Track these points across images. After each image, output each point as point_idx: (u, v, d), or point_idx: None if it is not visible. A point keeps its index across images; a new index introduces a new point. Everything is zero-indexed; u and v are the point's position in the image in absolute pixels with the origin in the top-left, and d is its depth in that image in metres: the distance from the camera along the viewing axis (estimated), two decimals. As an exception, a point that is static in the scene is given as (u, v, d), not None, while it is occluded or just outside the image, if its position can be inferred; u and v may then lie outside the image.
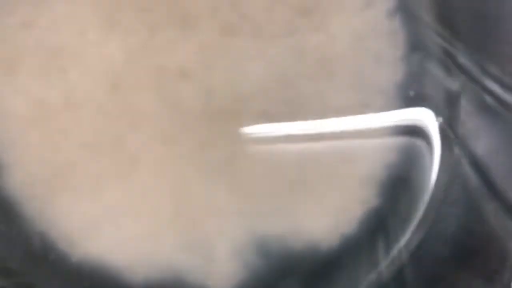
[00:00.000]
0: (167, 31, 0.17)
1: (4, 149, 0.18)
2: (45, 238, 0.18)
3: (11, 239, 0.18)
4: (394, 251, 0.18)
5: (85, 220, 0.18)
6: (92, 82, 0.17)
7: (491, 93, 0.16)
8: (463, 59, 0.16)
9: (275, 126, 0.18)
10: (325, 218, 0.18)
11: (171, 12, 0.17)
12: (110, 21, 0.17)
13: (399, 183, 0.18)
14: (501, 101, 0.15)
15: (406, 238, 0.18)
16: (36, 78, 0.17)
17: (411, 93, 0.18)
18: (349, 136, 0.18)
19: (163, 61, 0.17)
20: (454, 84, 0.17)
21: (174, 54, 0.17)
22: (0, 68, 0.17)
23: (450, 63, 0.17)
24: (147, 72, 0.17)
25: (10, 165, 0.18)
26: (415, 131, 0.18)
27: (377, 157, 0.18)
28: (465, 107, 0.17)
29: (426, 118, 0.18)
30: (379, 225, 0.18)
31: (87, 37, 0.17)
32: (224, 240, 0.18)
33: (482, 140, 0.17)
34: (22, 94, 0.17)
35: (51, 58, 0.17)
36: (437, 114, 0.17)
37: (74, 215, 0.18)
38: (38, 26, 0.17)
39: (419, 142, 0.18)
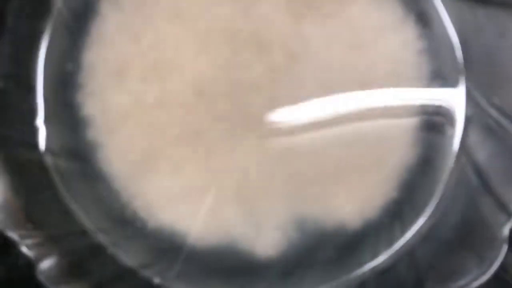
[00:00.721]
0: (245, 53, 0.21)
1: (103, 133, 0.21)
2: (129, 207, 0.21)
3: (101, 206, 0.21)
4: (409, 234, 0.21)
5: (163, 195, 0.21)
6: (182, 88, 0.21)
7: (493, 118, 0.19)
8: (474, 92, 0.20)
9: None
10: (352, 204, 0.21)
11: (251, 39, 0.21)
12: (203, 42, 0.21)
13: (417, 178, 0.21)
14: (500, 124, 0.19)
15: (418, 224, 0.21)
16: (138, 83, 0.21)
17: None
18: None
19: (240, 76, 0.21)
20: (468, 109, 0.21)
21: (249, 71, 0.21)
22: (109, 73, 0.21)
23: (468, 94, 0.20)
24: (226, 83, 0.21)
25: (106, 147, 0.21)
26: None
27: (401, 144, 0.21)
28: (473, 126, 0.21)
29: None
30: (396, 212, 0.21)
31: (182, 53, 0.21)
32: (272, 217, 0.21)
33: (483, 150, 0.20)
34: (125, 94, 0.21)
35: (151, 68, 0.21)
36: (450, 127, 0.21)
37: (154, 190, 0.21)
38: (144, 41, 0.21)
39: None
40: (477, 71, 0.21)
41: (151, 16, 0.21)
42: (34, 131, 0.21)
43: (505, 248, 0.18)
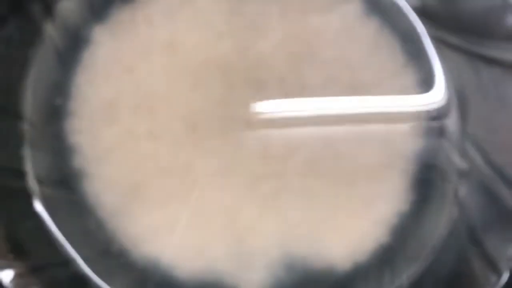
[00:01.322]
0: (241, 90, 0.20)
1: (90, 163, 0.21)
2: (114, 238, 0.21)
3: (86, 236, 0.21)
4: (398, 281, 0.21)
5: (149, 227, 0.21)
6: (174, 121, 0.21)
7: (488, 176, 0.19)
8: (471, 149, 0.20)
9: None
10: (343, 247, 0.21)
11: (247, 76, 0.21)
12: (197, 77, 0.20)
13: (410, 225, 0.21)
14: (494, 183, 0.19)
15: (409, 273, 0.21)
16: (129, 114, 0.21)
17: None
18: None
19: (234, 113, 0.21)
20: (463, 164, 0.20)
21: (243, 109, 0.21)
22: (100, 102, 0.21)
23: (464, 149, 0.20)
24: (220, 120, 0.21)
25: (93, 176, 0.21)
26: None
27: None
28: (468, 181, 0.20)
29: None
30: (387, 258, 0.21)
31: (176, 86, 0.21)
32: (260, 255, 0.21)
33: (476, 207, 0.20)
34: (116, 125, 0.21)
35: (144, 99, 0.21)
36: (445, 179, 0.21)
37: (140, 222, 0.21)
38: (138, 72, 0.21)
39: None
40: (475, 129, 0.20)
41: (145, 47, 0.21)
42: (20, 158, 0.21)
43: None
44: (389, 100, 0.21)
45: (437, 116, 0.21)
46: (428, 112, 0.21)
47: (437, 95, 0.21)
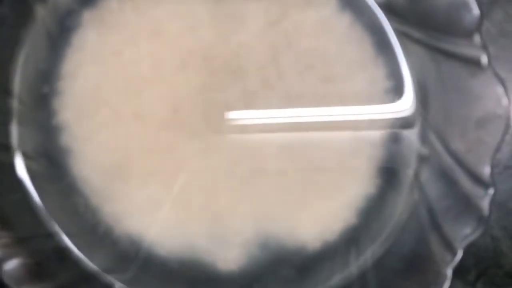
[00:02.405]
0: (221, 76, 0.22)
1: (77, 140, 0.22)
2: (97, 213, 0.22)
3: (70, 210, 0.22)
4: (362, 259, 0.22)
5: (131, 204, 0.22)
6: (158, 103, 0.22)
7: (446, 161, 0.21)
8: (431, 135, 0.21)
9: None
10: (313, 227, 0.22)
11: (228, 63, 0.22)
12: (181, 62, 0.21)
13: (375, 207, 0.22)
14: (452, 168, 0.21)
15: (372, 251, 0.22)
16: (115, 95, 0.22)
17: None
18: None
19: (215, 97, 0.22)
20: (424, 150, 0.22)
21: (224, 93, 0.22)
22: (89, 84, 0.22)
23: (425, 136, 0.22)
24: (201, 103, 0.22)
25: (79, 153, 0.22)
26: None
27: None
28: (428, 166, 0.22)
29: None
30: (353, 238, 0.22)
31: (161, 70, 0.21)
32: (235, 233, 0.22)
33: (435, 190, 0.21)
34: (102, 105, 0.22)
35: (130, 81, 0.21)
36: (407, 165, 0.22)
37: (122, 198, 0.22)
38: (125, 56, 0.21)
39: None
40: (435, 117, 0.22)
41: (132, 33, 0.21)
42: (7, 132, 0.21)
43: (447, 285, 0.19)
44: (358, 93, 0.22)
45: (403, 115, 0.22)
46: (394, 109, 0.22)
47: (402, 85, 0.22)
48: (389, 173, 0.22)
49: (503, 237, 0.25)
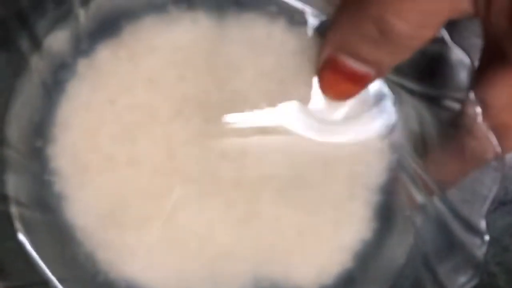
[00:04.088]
0: (217, 123, 0.21)
1: (71, 188, 0.22)
2: (91, 259, 0.22)
3: (64, 257, 0.22)
4: None
5: (126, 250, 0.22)
6: (153, 150, 0.21)
7: (442, 212, 0.21)
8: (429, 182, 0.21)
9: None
10: (310, 271, 0.22)
11: (223, 109, 0.21)
12: (177, 109, 0.21)
13: (372, 252, 0.22)
14: (448, 219, 0.21)
15: None
16: (111, 142, 0.21)
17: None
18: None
19: (210, 144, 0.22)
20: (418, 194, 0.22)
21: (219, 140, 0.22)
22: (84, 132, 0.21)
23: (419, 182, 0.22)
24: (197, 149, 0.22)
25: (73, 200, 0.22)
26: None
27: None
28: (425, 216, 0.22)
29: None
30: (350, 283, 0.22)
31: (156, 118, 0.21)
32: (231, 277, 0.22)
33: (430, 237, 0.21)
34: (96, 152, 0.21)
35: (125, 129, 0.21)
36: (403, 210, 0.22)
37: (118, 244, 0.22)
38: (120, 104, 0.21)
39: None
40: (431, 167, 0.22)
41: (127, 80, 0.21)
42: (3, 182, 0.21)
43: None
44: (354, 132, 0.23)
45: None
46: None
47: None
48: (386, 218, 0.22)
49: (499, 272, 0.26)
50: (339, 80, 0.18)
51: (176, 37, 0.21)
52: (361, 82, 0.18)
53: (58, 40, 0.21)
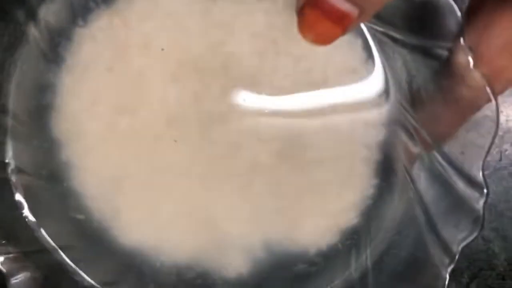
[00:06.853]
0: (215, 87, 0.22)
1: (75, 157, 0.22)
2: (98, 226, 0.22)
3: (70, 224, 0.22)
4: (362, 261, 0.23)
5: (131, 216, 0.22)
6: (152, 117, 0.22)
7: (440, 163, 0.20)
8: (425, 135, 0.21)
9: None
10: (314, 230, 0.23)
11: (219, 73, 0.22)
12: (173, 75, 0.22)
13: (374, 208, 0.23)
14: (446, 170, 0.20)
15: (372, 254, 0.22)
16: (111, 109, 0.22)
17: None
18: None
19: (209, 108, 0.22)
20: (415, 148, 0.22)
21: (217, 104, 0.22)
22: (84, 101, 0.22)
23: (416, 136, 0.21)
24: (194, 114, 0.22)
25: (77, 169, 0.22)
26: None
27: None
28: (422, 168, 0.22)
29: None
30: (354, 240, 0.23)
31: (153, 85, 0.22)
32: (238, 240, 0.22)
33: (430, 192, 0.21)
34: (99, 120, 0.22)
35: (123, 97, 0.22)
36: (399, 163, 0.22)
37: (124, 210, 0.22)
38: (117, 71, 0.22)
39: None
40: (426, 119, 0.21)
41: (123, 47, 0.22)
42: (4, 150, 0.22)
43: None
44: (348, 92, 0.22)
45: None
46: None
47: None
48: (385, 174, 0.22)
49: (495, 238, 0.25)
50: (319, 17, 0.17)
51: (168, 1, 0.21)
52: (342, 21, 0.17)
53: (53, 10, 0.21)
